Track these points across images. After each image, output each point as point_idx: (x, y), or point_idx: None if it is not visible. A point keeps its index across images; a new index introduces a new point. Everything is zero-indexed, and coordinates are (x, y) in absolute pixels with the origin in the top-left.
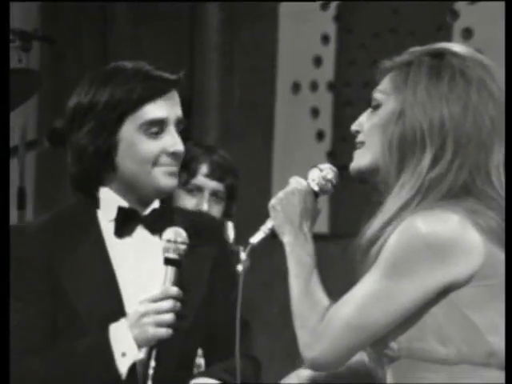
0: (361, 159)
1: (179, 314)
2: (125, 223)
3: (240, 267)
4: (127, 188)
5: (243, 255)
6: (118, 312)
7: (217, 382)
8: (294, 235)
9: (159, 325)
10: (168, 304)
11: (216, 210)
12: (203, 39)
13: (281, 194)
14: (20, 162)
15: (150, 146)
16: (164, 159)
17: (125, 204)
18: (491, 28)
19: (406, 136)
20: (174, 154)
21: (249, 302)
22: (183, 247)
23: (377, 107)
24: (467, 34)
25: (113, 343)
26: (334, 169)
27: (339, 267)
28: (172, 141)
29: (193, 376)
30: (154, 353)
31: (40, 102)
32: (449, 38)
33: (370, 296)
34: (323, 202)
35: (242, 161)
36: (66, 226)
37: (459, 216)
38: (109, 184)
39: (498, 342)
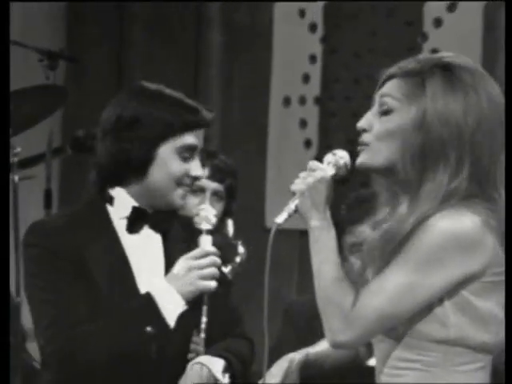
0: (372, 159)
1: (219, 269)
2: (135, 221)
3: (238, 259)
4: (145, 194)
5: (241, 248)
6: (133, 292)
7: (221, 360)
8: (320, 220)
9: (204, 278)
10: (209, 259)
11: (217, 208)
12: (207, 59)
13: (310, 180)
14: (47, 166)
15: (179, 167)
16: (185, 180)
17: (137, 205)
18: (455, 50)
19: (427, 146)
20: (194, 178)
21: (243, 289)
22: (214, 219)
23: (387, 112)
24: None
25: (159, 300)
26: (347, 153)
27: None
28: (196, 166)
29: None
30: (205, 308)
31: (64, 114)
32: None
33: (401, 287)
34: None
35: (239, 165)
36: (84, 221)
37: (479, 217)
38: (126, 186)
39: (491, 331)
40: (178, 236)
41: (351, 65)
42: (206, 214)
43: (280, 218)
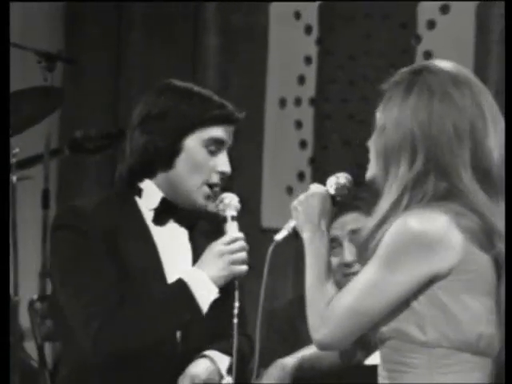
0: (368, 172)
1: (248, 252)
2: (162, 213)
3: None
4: (173, 186)
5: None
6: (162, 282)
7: (227, 357)
8: (313, 232)
9: (235, 263)
10: (239, 244)
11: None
12: (203, 60)
13: (302, 197)
14: (45, 167)
15: (205, 159)
16: (213, 177)
17: (165, 196)
18: (448, 51)
19: (387, 147)
20: (221, 173)
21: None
22: (238, 205)
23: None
24: (427, 56)
25: (192, 287)
26: (349, 176)
27: None
28: (223, 161)
29: None
30: (237, 294)
31: (61, 115)
32: (412, 60)
33: (368, 285)
34: None
35: (236, 165)
36: (115, 208)
37: (446, 217)
38: (154, 178)
39: (473, 330)
40: (205, 231)
41: (346, 67)
42: (230, 200)
43: (279, 236)
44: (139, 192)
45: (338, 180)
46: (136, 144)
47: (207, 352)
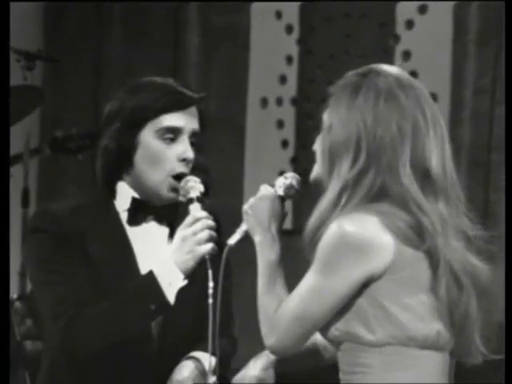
0: (313, 172)
1: (214, 229)
2: (136, 213)
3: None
4: (139, 184)
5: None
6: (136, 275)
7: (214, 358)
8: (263, 236)
9: (200, 243)
10: (201, 223)
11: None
12: (184, 60)
13: (252, 200)
14: (24, 166)
15: (163, 151)
16: (178, 167)
17: (137, 196)
18: (426, 51)
19: (332, 146)
20: (184, 160)
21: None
22: (201, 187)
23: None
24: (406, 56)
25: (158, 276)
26: (297, 176)
27: (302, 260)
28: (183, 148)
29: None
30: (210, 273)
31: (42, 114)
32: (391, 59)
33: (308, 291)
34: (288, 202)
35: (217, 165)
36: (90, 211)
37: (375, 218)
38: (125, 179)
39: (416, 327)
40: None
41: (326, 66)
42: (193, 183)
43: (232, 240)
44: (114, 194)
45: (286, 181)
46: (100, 146)
47: (194, 353)
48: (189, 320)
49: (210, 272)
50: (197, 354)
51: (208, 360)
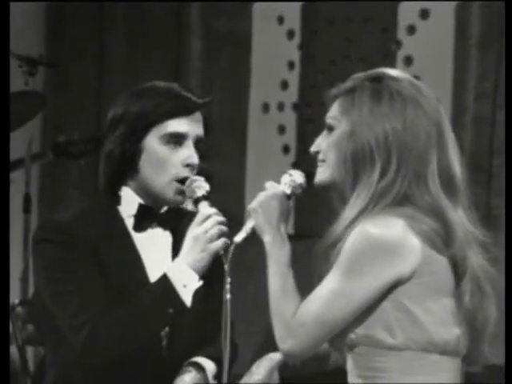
0: (322, 175)
1: (225, 224)
2: (142, 219)
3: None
4: (144, 190)
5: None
6: (145, 284)
7: (214, 365)
8: (273, 235)
9: (212, 240)
10: (211, 220)
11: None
12: (186, 65)
13: (261, 198)
14: (26, 171)
15: (168, 156)
16: (182, 172)
17: (143, 202)
18: (428, 56)
19: (357, 152)
20: (188, 165)
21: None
22: (207, 186)
23: (330, 129)
24: (408, 61)
25: (172, 279)
26: (303, 174)
27: (304, 264)
28: (188, 153)
29: None
30: (226, 268)
31: (44, 119)
32: (393, 64)
33: (332, 294)
34: (289, 207)
35: (219, 170)
36: (95, 218)
37: (401, 221)
38: (130, 184)
39: (438, 332)
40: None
41: (328, 71)
42: (198, 183)
43: (238, 237)
44: (118, 200)
45: (293, 178)
46: (104, 151)
47: (196, 359)
48: (198, 329)
49: (226, 267)
50: (199, 359)
51: (208, 365)
